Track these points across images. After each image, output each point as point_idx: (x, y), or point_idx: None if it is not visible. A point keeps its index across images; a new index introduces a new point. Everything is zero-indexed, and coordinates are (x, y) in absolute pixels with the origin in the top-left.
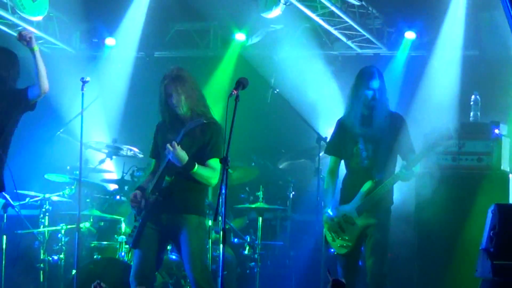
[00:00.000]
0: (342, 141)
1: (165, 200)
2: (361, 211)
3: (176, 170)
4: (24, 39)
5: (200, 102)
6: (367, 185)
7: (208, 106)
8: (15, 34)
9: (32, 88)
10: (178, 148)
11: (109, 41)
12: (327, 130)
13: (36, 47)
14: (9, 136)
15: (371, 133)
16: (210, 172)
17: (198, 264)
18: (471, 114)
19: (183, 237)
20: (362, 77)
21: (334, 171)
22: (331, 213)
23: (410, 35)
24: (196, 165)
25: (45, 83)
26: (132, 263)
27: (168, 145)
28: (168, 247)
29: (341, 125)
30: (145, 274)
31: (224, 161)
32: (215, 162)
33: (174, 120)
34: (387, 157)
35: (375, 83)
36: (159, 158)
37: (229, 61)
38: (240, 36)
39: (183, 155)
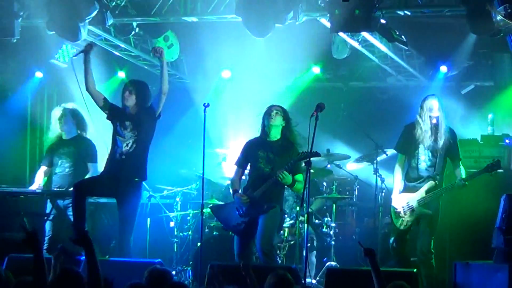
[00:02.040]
0: (408, 143)
1: (260, 198)
2: (421, 203)
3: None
4: (157, 52)
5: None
6: (430, 185)
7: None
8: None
9: (154, 100)
10: (286, 174)
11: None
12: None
13: (164, 59)
14: (148, 144)
15: (435, 146)
16: (300, 185)
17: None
18: (489, 128)
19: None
20: (424, 107)
21: (401, 165)
22: (397, 199)
23: (443, 69)
24: (295, 183)
25: (166, 86)
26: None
27: (280, 174)
28: None
29: (409, 131)
30: (245, 255)
31: (308, 164)
32: (300, 177)
33: (264, 141)
34: (443, 162)
35: (434, 113)
36: (244, 168)
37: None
38: (315, 69)
39: (289, 179)
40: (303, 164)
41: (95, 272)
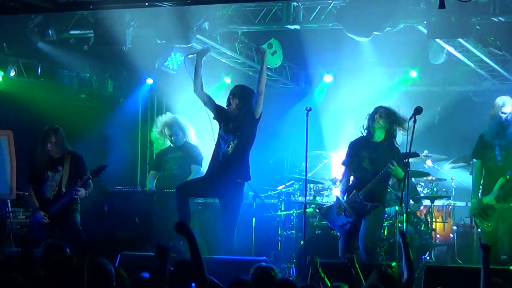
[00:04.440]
0: (483, 148)
1: (364, 198)
2: (499, 200)
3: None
4: (260, 52)
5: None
6: (500, 181)
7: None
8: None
9: (253, 101)
10: (396, 165)
11: (327, 78)
12: None
13: (265, 59)
14: (249, 146)
15: (504, 143)
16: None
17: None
18: None
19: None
20: (497, 104)
21: (479, 171)
22: (477, 203)
23: None
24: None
25: (262, 86)
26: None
27: (391, 165)
28: None
29: (481, 138)
30: (350, 252)
31: (406, 165)
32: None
33: (368, 141)
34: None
35: (507, 108)
36: (351, 168)
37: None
38: (413, 74)
39: (400, 171)
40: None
41: (198, 263)
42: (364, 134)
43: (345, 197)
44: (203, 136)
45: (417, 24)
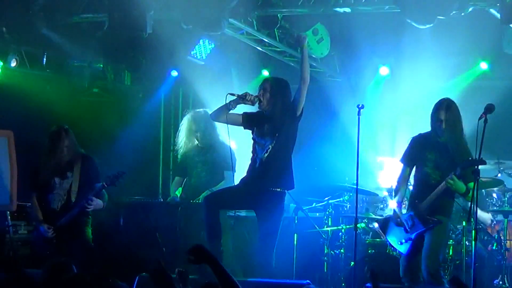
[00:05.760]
0: None
1: (427, 210)
2: None
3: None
4: (299, 39)
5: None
6: None
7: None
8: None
9: (294, 96)
10: (455, 179)
11: (383, 70)
12: None
13: (305, 46)
14: (290, 148)
15: None
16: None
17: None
18: None
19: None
20: None
21: None
22: None
23: None
24: (469, 192)
25: (306, 73)
26: (400, 259)
27: (450, 180)
28: None
29: None
30: (413, 272)
31: (475, 174)
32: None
33: (434, 140)
34: None
35: None
36: (411, 167)
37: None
38: (483, 65)
39: (461, 186)
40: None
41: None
42: (430, 133)
43: (403, 209)
44: (238, 138)
45: (489, 7)
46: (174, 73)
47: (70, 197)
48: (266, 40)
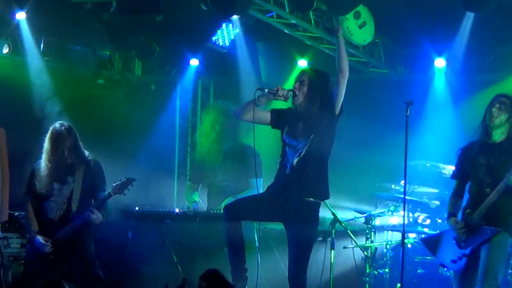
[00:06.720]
0: None
1: (482, 221)
2: None
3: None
4: (333, 32)
5: None
6: None
7: None
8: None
9: (333, 89)
10: None
11: (439, 62)
12: None
13: (340, 36)
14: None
15: None
16: None
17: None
18: None
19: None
20: None
21: None
22: None
23: None
24: None
25: (346, 69)
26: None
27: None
28: None
29: None
30: None
31: None
32: None
33: (485, 143)
34: None
35: None
36: (463, 181)
37: None
38: None
39: None
40: None
41: None
42: (480, 135)
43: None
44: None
45: None
46: (194, 62)
47: (71, 206)
48: (300, 25)
